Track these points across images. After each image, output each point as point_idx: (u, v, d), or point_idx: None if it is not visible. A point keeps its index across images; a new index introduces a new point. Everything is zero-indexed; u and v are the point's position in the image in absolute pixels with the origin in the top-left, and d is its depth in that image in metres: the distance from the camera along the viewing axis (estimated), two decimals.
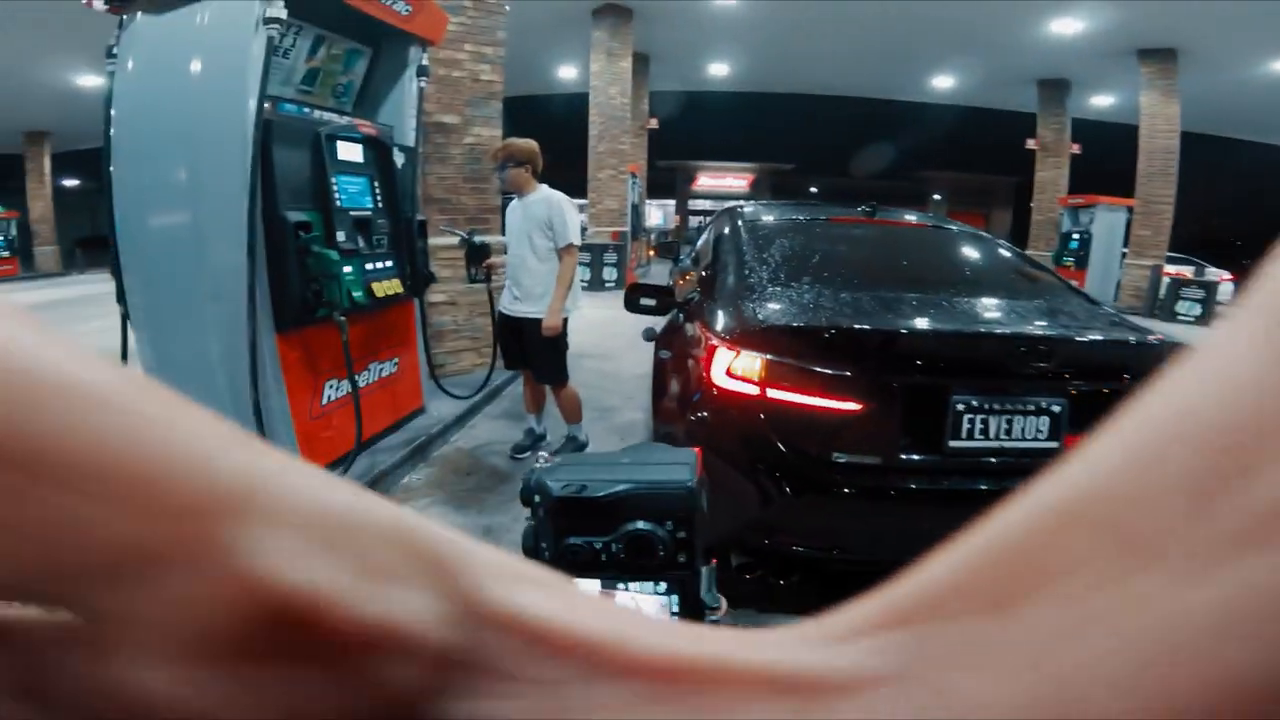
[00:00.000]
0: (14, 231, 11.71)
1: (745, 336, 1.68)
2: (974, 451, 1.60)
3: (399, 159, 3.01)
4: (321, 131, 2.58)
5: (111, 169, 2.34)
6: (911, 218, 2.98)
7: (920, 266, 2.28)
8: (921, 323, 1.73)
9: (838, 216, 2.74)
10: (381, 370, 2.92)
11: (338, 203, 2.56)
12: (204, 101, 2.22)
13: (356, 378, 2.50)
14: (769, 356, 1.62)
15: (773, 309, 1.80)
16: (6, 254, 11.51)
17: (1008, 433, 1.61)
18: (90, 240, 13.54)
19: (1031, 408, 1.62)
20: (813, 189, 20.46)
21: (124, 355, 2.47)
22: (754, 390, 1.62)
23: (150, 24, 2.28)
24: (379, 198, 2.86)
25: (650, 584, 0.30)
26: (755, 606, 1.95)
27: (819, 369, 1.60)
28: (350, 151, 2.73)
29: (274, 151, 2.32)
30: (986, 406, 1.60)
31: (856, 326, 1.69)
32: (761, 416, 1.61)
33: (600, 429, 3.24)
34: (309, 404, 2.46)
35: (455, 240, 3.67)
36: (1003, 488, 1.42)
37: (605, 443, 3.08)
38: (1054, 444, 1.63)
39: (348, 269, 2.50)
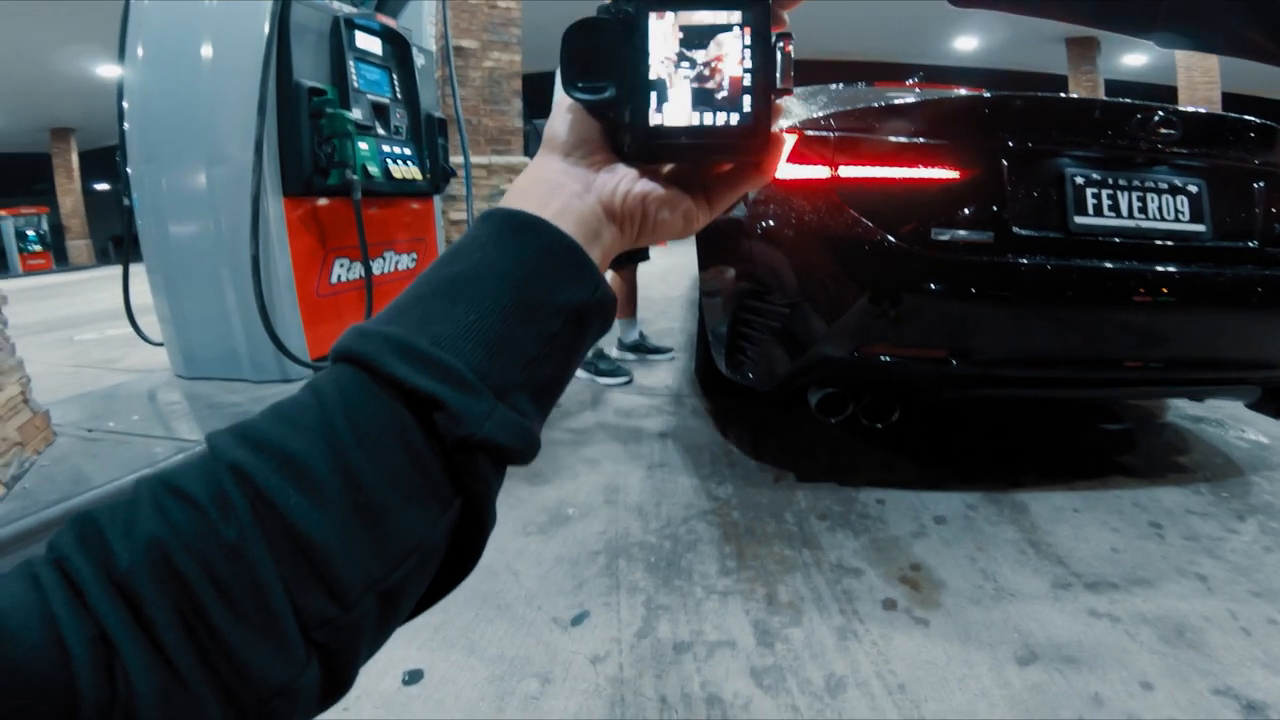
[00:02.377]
0: (45, 226, 11.98)
1: (807, 122, 1.48)
2: (1105, 230, 1.37)
3: (419, 59, 2.93)
4: (340, 16, 2.50)
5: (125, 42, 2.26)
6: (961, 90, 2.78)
7: None
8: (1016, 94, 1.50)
9: (882, 82, 2.56)
10: (399, 262, 2.81)
11: (355, 85, 2.48)
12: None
13: (369, 259, 2.38)
14: (839, 134, 1.43)
15: (833, 106, 1.61)
16: (39, 248, 11.78)
17: (1142, 211, 1.38)
18: (122, 237, 13.90)
19: (1165, 185, 1.39)
20: None
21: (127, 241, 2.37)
22: (824, 172, 1.41)
23: None
24: (397, 90, 2.79)
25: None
26: (835, 478, 1.75)
27: (900, 138, 1.39)
28: (368, 42, 2.65)
29: (291, 32, 2.24)
30: (1111, 181, 1.38)
31: (934, 96, 1.49)
32: (836, 198, 1.39)
33: None
34: (316, 278, 2.34)
35: (479, 159, 3.61)
36: (1145, 270, 1.14)
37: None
38: (1200, 226, 1.40)
39: (363, 144, 2.41)
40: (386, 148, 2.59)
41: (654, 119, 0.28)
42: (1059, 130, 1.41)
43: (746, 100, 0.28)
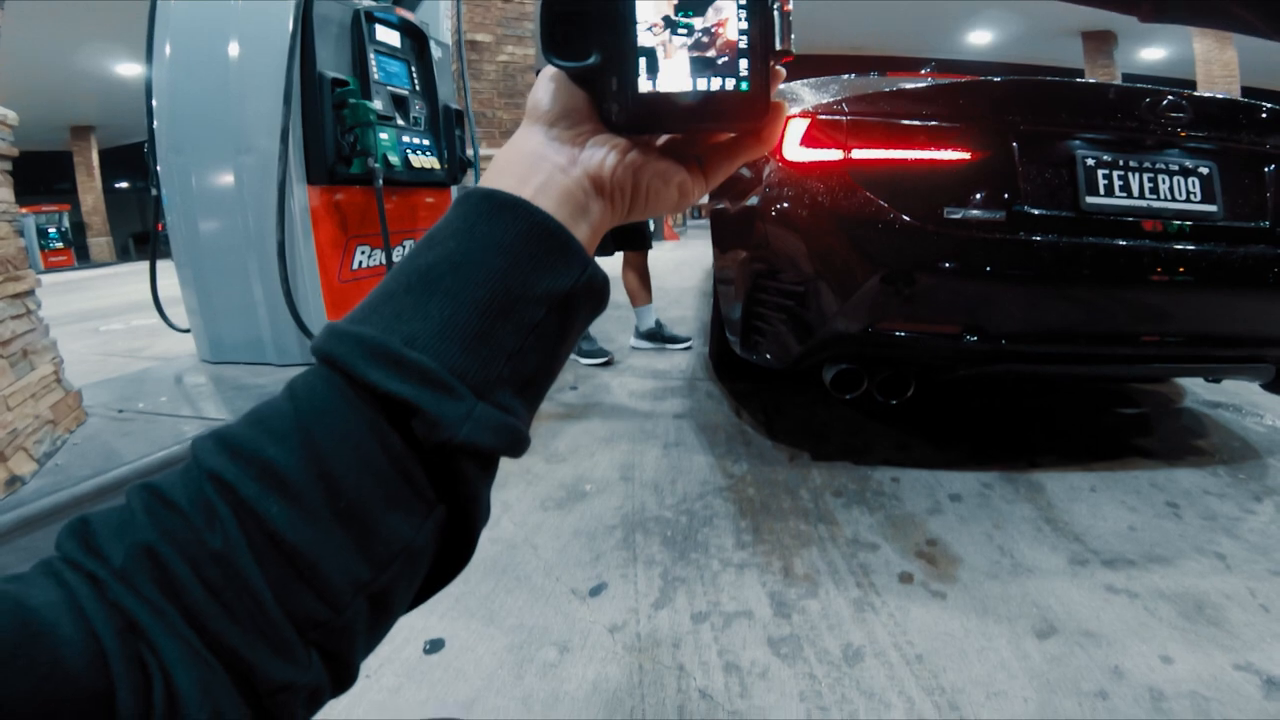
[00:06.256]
0: (66, 224, 12.18)
1: (820, 107, 1.50)
2: (1116, 210, 1.39)
3: (436, 52, 2.97)
4: (360, 10, 2.54)
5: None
6: None
7: None
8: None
9: (895, 71, 2.57)
10: None
11: (375, 77, 2.53)
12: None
13: (390, 246, 2.43)
14: (851, 117, 1.45)
15: (846, 92, 1.62)
16: (60, 245, 11.99)
17: (1153, 192, 1.40)
18: (143, 235, 14.27)
19: (1176, 167, 1.41)
20: None
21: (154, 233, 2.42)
22: (836, 155, 1.43)
23: None
24: (416, 82, 2.83)
25: None
26: (850, 458, 1.77)
27: (912, 121, 1.41)
28: (388, 35, 2.70)
29: (314, 25, 2.28)
30: (1122, 163, 1.40)
31: (947, 80, 1.51)
32: (849, 179, 1.41)
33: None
34: (338, 263, 2.38)
35: (494, 151, 3.66)
36: (1157, 248, 1.11)
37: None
38: (1212, 207, 1.41)
39: (384, 134, 2.45)
40: (406, 138, 2.62)
41: (643, 86, 0.26)
42: (1069, 113, 1.43)
43: (743, 64, 0.26)
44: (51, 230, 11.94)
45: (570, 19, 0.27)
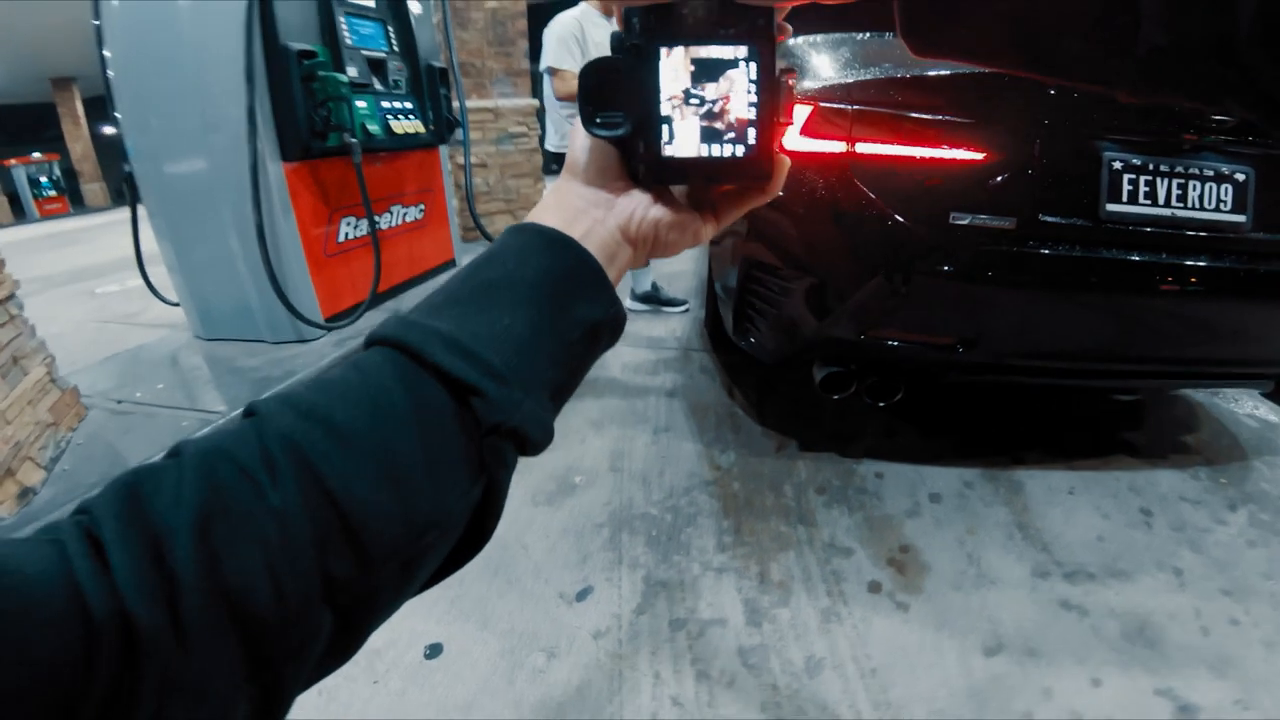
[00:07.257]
0: (57, 172, 11.97)
1: (824, 92, 1.40)
2: (1137, 219, 1.30)
3: (415, 7, 2.77)
4: None
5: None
6: None
7: None
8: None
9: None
10: (406, 215, 2.80)
11: (347, 41, 2.38)
12: None
13: (376, 218, 2.38)
14: (857, 106, 1.34)
15: (856, 65, 1.51)
16: (54, 193, 11.83)
17: (1180, 200, 1.30)
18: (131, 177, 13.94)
19: (1210, 173, 1.30)
20: None
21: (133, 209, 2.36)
22: (839, 147, 1.33)
23: None
24: (394, 42, 2.66)
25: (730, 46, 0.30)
26: (837, 448, 1.78)
27: (923, 115, 1.30)
28: None
29: None
30: (1152, 167, 1.29)
31: (964, 69, 1.39)
32: (850, 175, 1.33)
33: None
34: (322, 238, 2.34)
35: (485, 102, 3.56)
36: (1173, 263, 0.97)
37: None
38: (1240, 217, 1.31)
39: (361, 103, 2.35)
40: (386, 103, 2.52)
41: (666, 150, 0.31)
42: (1102, 113, 1.31)
43: (751, 133, 0.30)
44: (44, 179, 11.75)
45: (602, 91, 0.31)
